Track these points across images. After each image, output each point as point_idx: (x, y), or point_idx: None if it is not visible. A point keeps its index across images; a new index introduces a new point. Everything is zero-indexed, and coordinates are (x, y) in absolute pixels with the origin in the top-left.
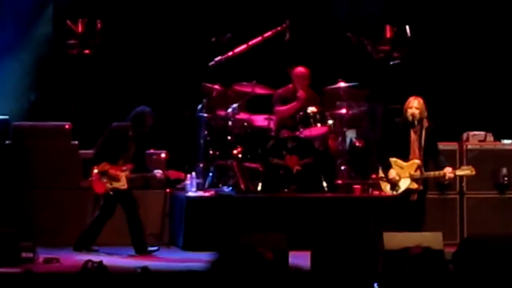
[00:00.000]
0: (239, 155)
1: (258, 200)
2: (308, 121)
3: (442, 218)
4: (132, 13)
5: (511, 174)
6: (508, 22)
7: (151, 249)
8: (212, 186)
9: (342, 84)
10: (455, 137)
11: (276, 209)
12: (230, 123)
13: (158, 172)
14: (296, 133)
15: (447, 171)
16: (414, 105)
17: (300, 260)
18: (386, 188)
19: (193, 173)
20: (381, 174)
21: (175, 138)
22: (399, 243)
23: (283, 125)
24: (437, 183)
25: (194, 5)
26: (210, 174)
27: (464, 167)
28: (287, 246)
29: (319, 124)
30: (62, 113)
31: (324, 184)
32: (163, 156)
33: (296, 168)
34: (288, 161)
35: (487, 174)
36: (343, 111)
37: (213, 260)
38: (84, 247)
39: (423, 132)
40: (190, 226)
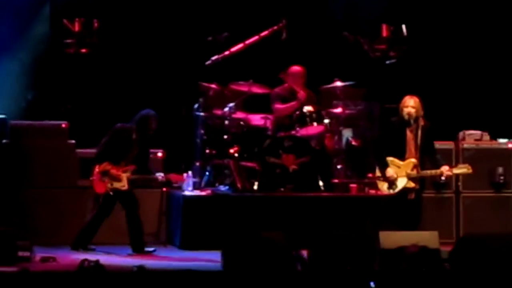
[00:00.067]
0: (236, 154)
1: (255, 199)
2: (305, 120)
3: (438, 217)
4: (129, 12)
5: (507, 173)
6: (504, 22)
7: (148, 249)
8: (208, 185)
9: (338, 83)
10: (451, 136)
11: (272, 208)
12: (226, 122)
13: (160, 175)
14: (293, 132)
15: (444, 170)
16: (410, 104)
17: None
18: (383, 187)
19: (190, 172)
20: (378, 174)
21: (172, 137)
22: (395, 242)
23: (280, 124)
24: (433, 182)
25: (191, 4)
26: (206, 173)
27: (461, 165)
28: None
29: (315, 123)
30: (59, 112)
31: (320, 183)
32: (159, 155)
33: (292, 167)
34: (285, 160)
35: (483, 173)
36: (340, 110)
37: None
38: (82, 246)
39: (419, 131)
40: (187, 225)
